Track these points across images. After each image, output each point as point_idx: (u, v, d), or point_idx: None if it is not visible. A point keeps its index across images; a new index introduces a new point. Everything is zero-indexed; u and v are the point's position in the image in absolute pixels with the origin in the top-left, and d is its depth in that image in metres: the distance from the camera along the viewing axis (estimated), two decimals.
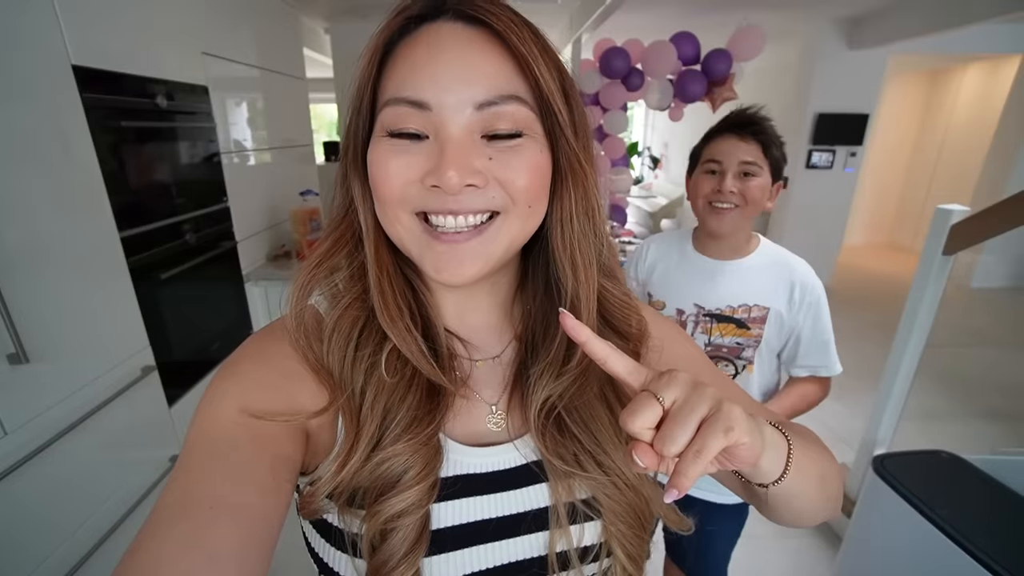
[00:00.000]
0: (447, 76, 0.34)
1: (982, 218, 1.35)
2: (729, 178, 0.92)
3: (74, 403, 1.12)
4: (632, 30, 3.40)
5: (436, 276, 0.37)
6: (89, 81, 1.17)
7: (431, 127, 0.35)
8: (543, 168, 0.37)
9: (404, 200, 0.36)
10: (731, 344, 1.00)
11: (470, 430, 0.43)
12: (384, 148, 0.36)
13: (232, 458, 0.33)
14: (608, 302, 0.45)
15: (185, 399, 1.55)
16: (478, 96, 0.34)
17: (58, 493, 1.08)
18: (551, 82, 0.36)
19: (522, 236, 0.39)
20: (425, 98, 0.34)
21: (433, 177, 0.34)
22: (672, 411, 0.28)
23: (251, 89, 2.07)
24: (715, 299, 0.99)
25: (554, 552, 0.40)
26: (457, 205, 0.35)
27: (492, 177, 0.36)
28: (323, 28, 3.70)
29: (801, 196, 4.27)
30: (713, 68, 3.04)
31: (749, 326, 0.99)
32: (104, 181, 1.22)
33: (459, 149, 0.34)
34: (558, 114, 0.37)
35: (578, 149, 0.38)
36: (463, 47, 0.34)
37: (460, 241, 0.36)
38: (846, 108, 4.03)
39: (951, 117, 5.17)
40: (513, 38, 0.34)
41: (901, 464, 1.25)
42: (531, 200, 0.37)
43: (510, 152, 0.36)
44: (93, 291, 1.20)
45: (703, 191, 0.96)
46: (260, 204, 2.16)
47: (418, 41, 0.35)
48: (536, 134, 0.37)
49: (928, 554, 1.07)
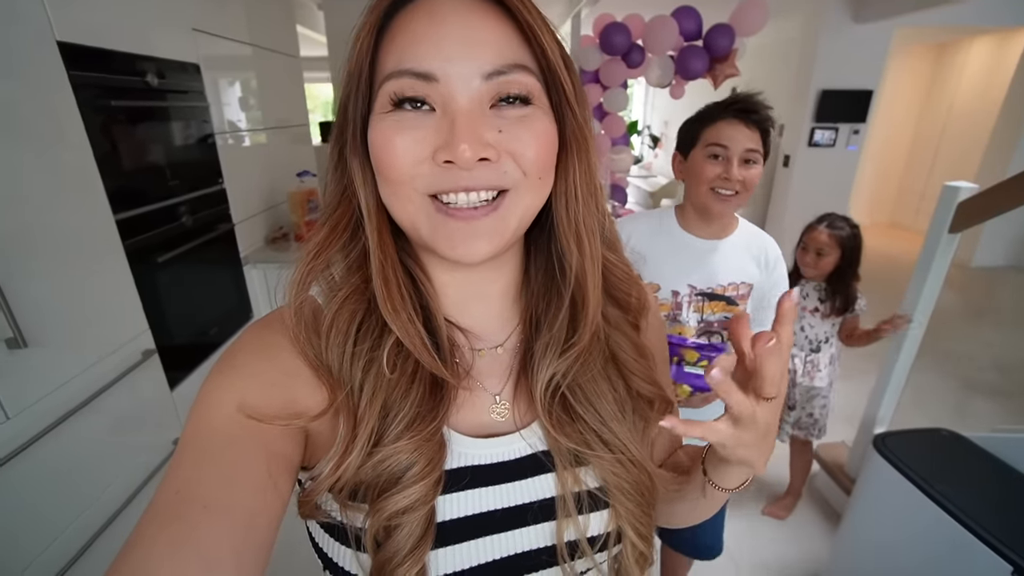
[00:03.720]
0: (451, 46, 0.32)
1: (989, 195, 1.33)
2: (735, 165, 0.93)
3: (76, 387, 1.11)
4: (632, 4, 3.31)
5: (451, 253, 0.35)
6: (76, 58, 1.13)
7: (438, 99, 0.33)
8: (552, 139, 0.37)
9: (414, 180, 0.34)
10: (720, 319, 1.04)
11: (474, 422, 0.42)
12: (388, 124, 0.34)
13: (227, 456, 0.33)
14: (611, 273, 0.45)
15: (187, 382, 1.55)
16: (485, 66, 0.33)
17: (61, 478, 1.09)
18: (556, 51, 0.36)
19: (533, 209, 0.38)
20: (431, 69, 0.32)
21: (445, 152, 0.32)
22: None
23: (244, 67, 2.02)
24: (707, 279, 1.02)
25: (563, 541, 0.40)
26: (471, 181, 0.34)
27: (503, 150, 0.34)
28: (316, 4, 3.60)
29: (803, 175, 4.23)
30: (715, 44, 2.97)
31: (737, 302, 1.03)
32: (96, 162, 1.19)
33: (470, 121, 0.33)
34: (563, 83, 0.36)
35: (583, 122, 0.38)
36: (465, 15, 0.33)
37: (476, 217, 0.35)
38: (850, 84, 3.95)
39: (956, 93, 5.09)
40: (517, 4, 0.33)
41: (902, 442, 1.26)
42: (541, 172, 0.36)
43: (520, 124, 0.35)
44: (89, 275, 1.18)
45: (707, 175, 0.96)
46: (257, 186, 2.13)
47: (417, 11, 0.33)
48: (543, 105, 0.36)
49: (928, 530, 1.09)
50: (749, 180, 0.94)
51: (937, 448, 1.24)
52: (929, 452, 1.22)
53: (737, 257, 1.02)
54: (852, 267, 1.55)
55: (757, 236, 1.05)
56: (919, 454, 1.21)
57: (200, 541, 0.29)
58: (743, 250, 1.03)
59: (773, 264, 1.03)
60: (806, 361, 1.66)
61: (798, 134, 4.13)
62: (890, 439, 1.27)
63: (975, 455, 1.19)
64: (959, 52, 5.04)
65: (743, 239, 1.04)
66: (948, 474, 1.13)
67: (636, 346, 0.45)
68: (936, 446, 1.25)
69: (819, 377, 1.65)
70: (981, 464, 1.17)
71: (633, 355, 0.44)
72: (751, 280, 1.02)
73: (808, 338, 1.66)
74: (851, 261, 1.55)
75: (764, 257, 1.03)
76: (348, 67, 0.36)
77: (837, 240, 1.54)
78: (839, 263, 1.55)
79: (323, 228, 0.39)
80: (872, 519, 1.31)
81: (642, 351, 0.45)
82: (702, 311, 1.04)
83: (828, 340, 1.64)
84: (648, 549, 0.43)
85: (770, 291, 1.04)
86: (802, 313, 1.68)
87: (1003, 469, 1.14)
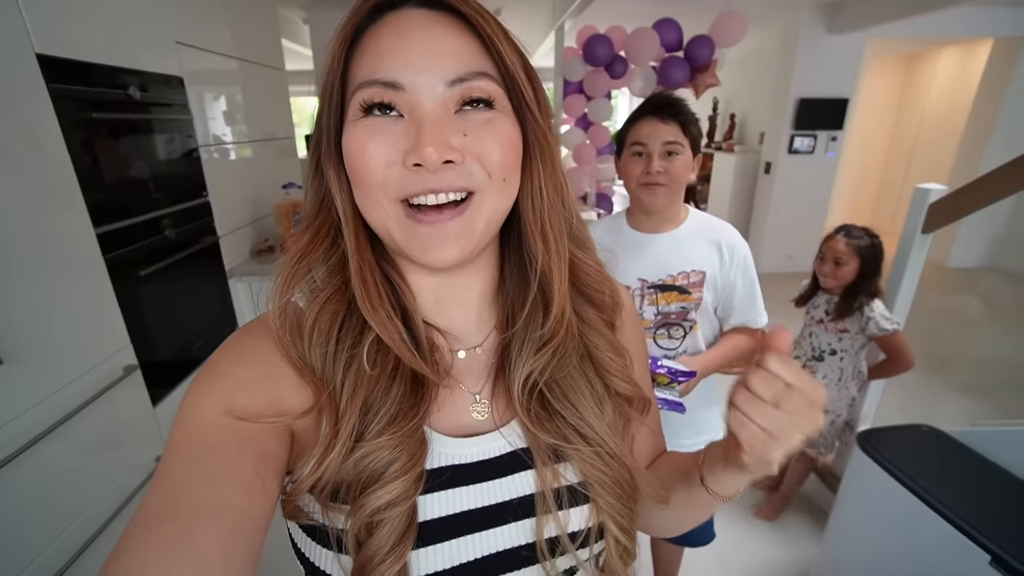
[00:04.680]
0: (417, 57, 0.35)
1: (958, 196, 1.38)
2: (656, 159, 0.99)
3: (54, 404, 1.09)
4: (615, 16, 3.39)
5: (422, 258, 0.37)
6: (56, 71, 1.13)
7: (406, 106, 0.36)
8: (515, 142, 0.39)
9: (385, 184, 0.36)
10: (677, 310, 1.07)
11: (454, 422, 0.43)
12: (360, 130, 0.36)
13: (215, 458, 0.33)
14: (582, 271, 0.46)
15: (170, 398, 1.52)
16: (448, 73, 0.35)
17: (38, 498, 1.06)
18: (516, 60, 0.38)
19: (500, 212, 0.39)
20: (398, 79, 0.35)
21: (413, 155, 0.34)
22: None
23: (229, 81, 2.02)
24: (656, 270, 1.06)
25: (542, 538, 0.40)
26: (437, 183, 0.36)
27: (469, 152, 0.36)
28: (301, 19, 3.62)
29: (784, 181, 4.33)
30: (696, 54, 3.05)
31: (690, 291, 1.06)
32: (77, 175, 1.18)
33: (435, 126, 0.35)
34: (523, 90, 0.39)
35: (544, 125, 0.40)
36: (430, 29, 0.36)
37: (443, 220, 0.37)
38: (826, 93, 4.08)
39: (927, 101, 5.26)
40: (478, 19, 0.36)
41: (884, 439, 1.28)
42: (505, 174, 0.38)
43: (484, 127, 0.37)
44: (69, 289, 1.16)
45: (633, 173, 1.03)
46: (242, 198, 2.12)
47: (386, 26, 0.36)
48: (505, 109, 0.38)
49: (911, 524, 1.11)
50: (673, 171, 0.99)
51: (918, 444, 1.26)
52: (911, 448, 1.25)
53: (687, 247, 1.06)
54: (872, 277, 1.53)
55: (711, 224, 1.08)
56: (901, 450, 1.23)
57: (191, 542, 0.29)
58: (695, 239, 1.06)
59: (733, 250, 1.06)
60: (804, 367, 1.67)
61: (778, 141, 4.23)
62: (873, 436, 1.29)
63: (954, 449, 1.22)
64: (928, 62, 5.22)
65: (694, 228, 1.07)
66: (929, 469, 1.16)
67: (612, 344, 0.46)
68: (917, 442, 1.27)
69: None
70: (960, 458, 1.20)
71: (609, 353, 0.45)
72: (703, 268, 1.05)
73: (812, 345, 1.68)
74: (871, 271, 1.52)
75: (719, 244, 1.05)
76: (322, 80, 0.38)
77: (855, 249, 1.52)
78: (859, 273, 1.53)
79: (304, 235, 0.41)
80: (858, 515, 1.33)
81: (618, 349, 0.46)
82: (657, 303, 1.07)
83: (836, 353, 1.62)
84: (631, 543, 0.44)
85: (736, 278, 1.06)
86: (808, 321, 1.70)
87: (980, 462, 1.17)
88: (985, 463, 1.16)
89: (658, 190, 1.01)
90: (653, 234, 1.08)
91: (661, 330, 1.09)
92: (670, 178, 1.00)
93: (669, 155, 0.99)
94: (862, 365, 1.64)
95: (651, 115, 1.00)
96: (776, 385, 0.35)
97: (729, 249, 1.05)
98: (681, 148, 0.99)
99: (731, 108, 5.51)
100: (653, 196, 1.02)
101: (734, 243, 1.06)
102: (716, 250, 1.05)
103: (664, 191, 1.01)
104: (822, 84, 4.04)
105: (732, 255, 1.05)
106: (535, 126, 0.40)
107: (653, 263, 1.06)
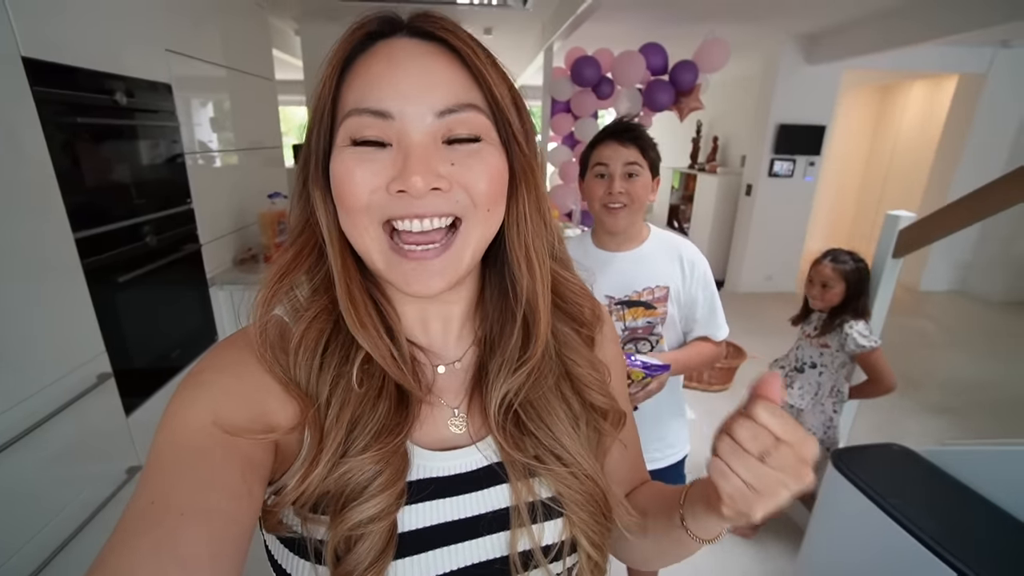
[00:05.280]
0: (407, 86, 0.35)
1: (926, 223, 1.44)
2: (617, 180, 1.04)
3: (23, 411, 1.05)
4: (603, 39, 3.48)
5: (407, 289, 0.38)
6: (41, 74, 1.12)
7: (393, 135, 0.36)
8: (501, 171, 0.39)
9: (369, 208, 0.36)
10: (643, 325, 1.11)
11: (434, 436, 0.43)
12: (348, 156, 0.36)
13: (201, 463, 0.33)
14: (564, 288, 0.47)
15: (144, 407, 1.48)
16: (437, 104, 0.36)
17: (1, 508, 1.02)
18: (504, 93, 0.39)
19: (484, 241, 0.40)
20: (387, 107, 0.35)
21: (399, 182, 0.35)
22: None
23: (218, 89, 2.01)
24: (622, 287, 1.10)
25: (515, 552, 0.41)
26: (422, 209, 0.36)
27: (456, 181, 0.37)
28: (293, 29, 3.64)
29: (764, 203, 4.44)
30: (680, 78, 3.14)
31: (655, 305, 1.10)
32: (57, 178, 1.16)
33: (423, 154, 0.35)
34: (511, 122, 0.39)
35: (530, 155, 0.41)
36: (420, 59, 0.36)
37: (428, 257, 0.37)
38: (805, 119, 4.23)
39: (900, 129, 5.48)
40: (468, 51, 0.37)
41: (857, 458, 1.31)
42: (491, 204, 0.39)
43: (471, 157, 0.37)
44: (43, 293, 1.14)
45: (596, 194, 1.07)
46: (226, 207, 2.10)
47: (377, 55, 0.37)
48: (493, 141, 0.39)
49: (882, 542, 1.13)
50: (634, 191, 1.04)
51: (889, 462, 1.29)
52: (882, 466, 1.27)
53: (651, 263, 1.10)
54: (858, 299, 1.60)
55: (672, 242, 1.13)
56: (873, 468, 1.26)
57: (179, 546, 0.29)
58: (658, 256, 1.11)
59: (694, 265, 1.10)
60: (786, 375, 1.74)
61: (759, 165, 4.36)
62: (846, 455, 1.32)
63: (924, 468, 1.25)
64: (901, 93, 5.46)
65: (656, 246, 1.12)
66: (900, 487, 1.18)
67: (589, 360, 0.47)
68: (889, 460, 1.30)
69: (791, 395, 1.70)
70: (929, 477, 1.23)
71: (587, 368, 0.46)
72: (667, 283, 1.09)
73: (797, 356, 1.75)
74: (856, 293, 1.60)
75: (680, 259, 1.10)
76: (313, 104, 0.39)
77: (841, 273, 1.60)
78: (845, 295, 1.60)
79: (288, 252, 0.41)
80: (832, 533, 1.35)
81: (595, 364, 0.47)
82: (624, 319, 1.11)
83: (816, 366, 1.69)
84: (602, 559, 0.44)
85: (697, 292, 1.10)
86: (800, 334, 1.79)
87: (948, 481, 1.20)
88: (952, 482, 1.20)
89: (620, 212, 1.05)
90: (618, 252, 1.12)
91: (629, 345, 1.12)
92: (631, 198, 1.04)
93: (630, 176, 1.04)
94: (842, 385, 1.68)
95: (611, 139, 1.05)
96: (763, 437, 0.32)
97: (690, 264, 1.10)
98: (640, 170, 1.04)
99: (714, 131, 5.66)
100: (615, 218, 1.06)
101: (694, 259, 1.10)
102: (678, 265, 1.10)
103: (625, 212, 1.05)
104: (801, 111, 4.20)
105: (692, 270, 1.10)
106: (521, 156, 0.40)
107: (619, 280, 1.10)
